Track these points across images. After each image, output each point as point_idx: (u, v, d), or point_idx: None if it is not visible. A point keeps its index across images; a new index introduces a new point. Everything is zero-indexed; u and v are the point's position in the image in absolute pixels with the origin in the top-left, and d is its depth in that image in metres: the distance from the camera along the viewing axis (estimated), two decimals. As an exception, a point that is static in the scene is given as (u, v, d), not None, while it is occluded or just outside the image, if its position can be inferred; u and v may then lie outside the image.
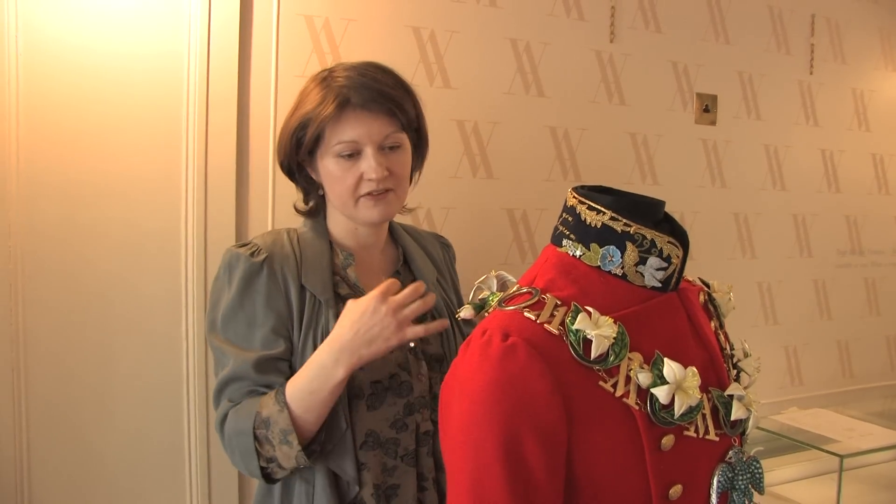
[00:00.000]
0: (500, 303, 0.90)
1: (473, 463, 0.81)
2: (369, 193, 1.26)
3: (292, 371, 1.23)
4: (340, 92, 1.23)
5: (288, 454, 1.16)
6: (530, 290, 0.89)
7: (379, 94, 1.25)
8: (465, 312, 1.04)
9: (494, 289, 1.06)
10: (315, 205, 1.36)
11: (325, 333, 1.22)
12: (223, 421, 1.21)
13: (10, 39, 1.45)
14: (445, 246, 1.53)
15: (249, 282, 1.24)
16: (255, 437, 1.16)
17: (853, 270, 2.67)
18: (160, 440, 1.62)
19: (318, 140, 1.26)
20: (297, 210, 1.39)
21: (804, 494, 2.05)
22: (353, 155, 1.25)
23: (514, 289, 0.92)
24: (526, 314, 0.85)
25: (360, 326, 1.16)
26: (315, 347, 1.22)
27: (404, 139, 1.30)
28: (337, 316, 1.23)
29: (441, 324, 1.25)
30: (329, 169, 1.27)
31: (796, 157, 2.51)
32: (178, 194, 1.62)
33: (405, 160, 1.31)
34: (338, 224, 1.35)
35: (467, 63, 1.92)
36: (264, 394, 1.20)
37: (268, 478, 1.21)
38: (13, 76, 1.46)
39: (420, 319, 1.29)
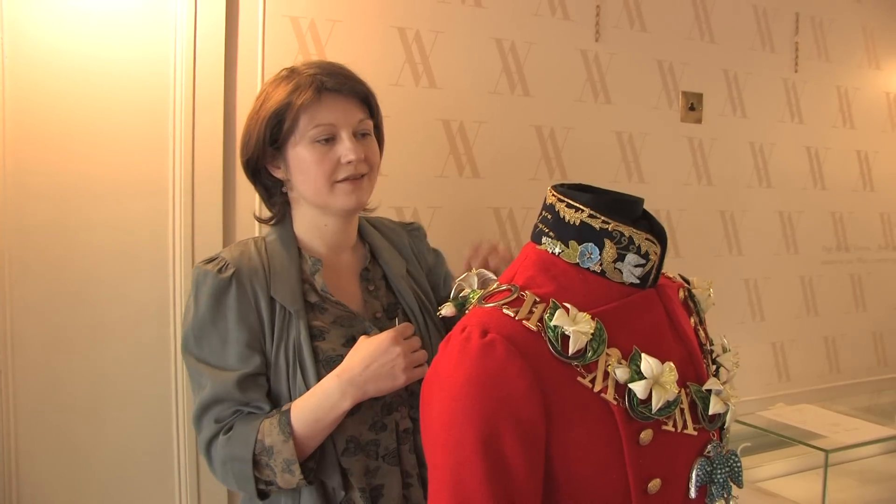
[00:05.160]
0: (480, 300, 0.91)
1: (453, 459, 0.82)
2: (346, 179, 1.27)
3: (269, 385, 1.24)
4: (314, 79, 1.25)
5: (289, 481, 1.18)
6: (509, 287, 0.90)
7: (350, 79, 1.30)
8: (447, 310, 1.05)
9: (475, 286, 1.08)
10: (279, 210, 1.35)
11: (297, 345, 1.24)
12: (210, 444, 1.21)
13: (-4, 43, 1.45)
14: (412, 230, 1.53)
15: (219, 299, 1.23)
16: (255, 463, 1.17)
17: (839, 267, 2.69)
18: (149, 444, 1.62)
19: (290, 130, 1.26)
20: (258, 220, 1.39)
21: (791, 490, 2.06)
22: (329, 140, 1.26)
23: (494, 286, 0.93)
24: (505, 311, 0.86)
25: (371, 362, 1.19)
26: (287, 359, 1.23)
27: (372, 128, 1.33)
28: (308, 326, 1.25)
29: None
30: (302, 157, 1.27)
31: (782, 155, 2.53)
32: (166, 198, 1.62)
33: (376, 148, 1.34)
34: (305, 224, 1.34)
35: (453, 63, 1.93)
36: (251, 414, 1.21)
37: (262, 495, 1.22)
38: (-2, 80, 1.46)
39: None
